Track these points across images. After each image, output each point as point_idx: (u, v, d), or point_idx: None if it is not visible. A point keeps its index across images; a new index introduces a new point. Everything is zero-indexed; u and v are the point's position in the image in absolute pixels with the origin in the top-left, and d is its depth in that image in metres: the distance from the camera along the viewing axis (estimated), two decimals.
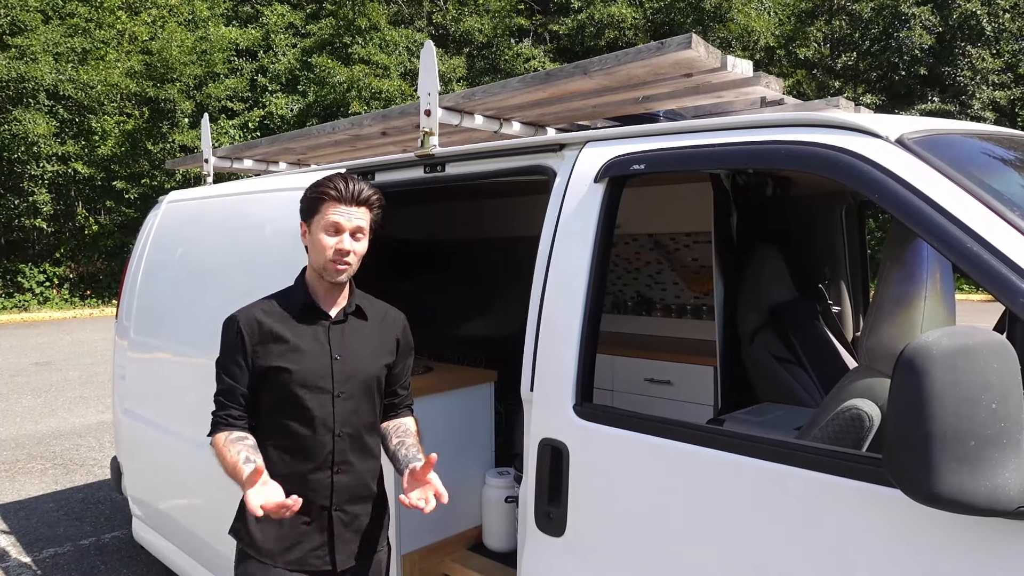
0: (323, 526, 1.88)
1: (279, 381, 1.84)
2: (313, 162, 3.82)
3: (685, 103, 2.46)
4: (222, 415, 1.85)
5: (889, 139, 1.40)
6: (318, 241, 1.84)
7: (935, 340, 1.05)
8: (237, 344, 1.85)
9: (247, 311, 1.90)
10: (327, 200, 1.84)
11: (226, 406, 1.86)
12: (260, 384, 1.86)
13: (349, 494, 1.91)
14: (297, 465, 1.86)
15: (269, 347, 1.85)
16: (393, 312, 2.06)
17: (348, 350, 1.91)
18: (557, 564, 1.75)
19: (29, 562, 4.17)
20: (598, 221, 1.79)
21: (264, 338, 1.85)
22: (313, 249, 1.87)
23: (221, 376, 1.87)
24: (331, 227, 1.83)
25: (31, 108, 15.96)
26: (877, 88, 20.54)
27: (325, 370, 1.87)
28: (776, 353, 2.79)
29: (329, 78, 18.77)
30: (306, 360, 1.85)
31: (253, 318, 1.87)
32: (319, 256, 1.85)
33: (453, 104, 2.48)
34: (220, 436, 1.83)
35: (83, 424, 7.15)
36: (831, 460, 1.31)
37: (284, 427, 1.86)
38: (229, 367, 1.87)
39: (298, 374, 1.84)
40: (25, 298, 16.89)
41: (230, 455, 1.77)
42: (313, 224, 1.86)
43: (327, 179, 1.85)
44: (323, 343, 1.88)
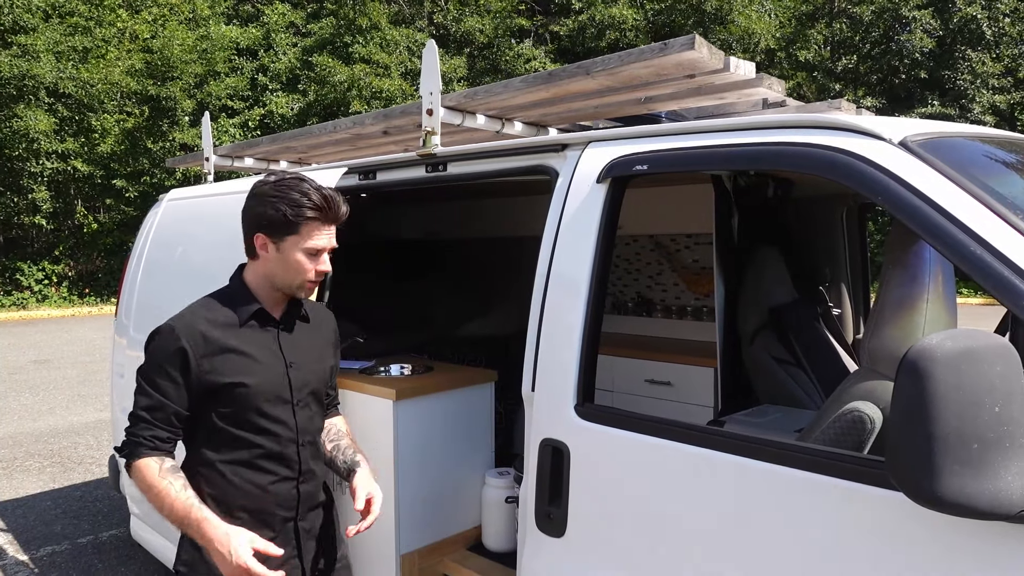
0: (289, 539, 1.82)
1: (236, 396, 1.71)
2: (314, 161, 3.82)
3: (687, 104, 2.46)
4: (147, 436, 1.65)
5: (892, 141, 1.40)
6: (293, 262, 1.71)
7: (938, 343, 1.04)
8: (176, 359, 1.66)
9: (186, 322, 1.70)
10: (307, 221, 1.69)
11: (152, 426, 1.66)
12: (210, 401, 1.70)
13: (310, 502, 1.87)
14: (258, 479, 1.76)
15: (219, 361, 1.69)
16: (323, 310, 1.99)
17: (299, 356, 1.82)
18: (557, 564, 1.75)
19: (26, 560, 4.16)
20: (600, 221, 1.79)
21: (212, 351, 1.69)
22: (283, 267, 1.73)
23: (147, 391, 1.66)
24: (312, 250, 1.72)
25: (32, 105, 15.95)
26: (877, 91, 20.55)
27: (282, 380, 1.78)
28: (776, 355, 2.79)
29: (330, 77, 18.77)
30: (263, 372, 1.74)
31: (196, 331, 1.69)
32: (292, 276, 1.73)
33: (455, 103, 2.48)
34: (149, 463, 1.64)
35: (81, 422, 7.14)
36: (833, 462, 1.31)
37: (245, 441, 1.73)
38: (159, 383, 1.66)
39: (257, 387, 1.72)
40: (24, 296, 16.87)
41: (176, 495, 1.61)
42: (287, 244, 1.70)
43: (303, 193, 1.68)
44: (276, 352, 1.78)
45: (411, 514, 2.57)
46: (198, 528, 1.60)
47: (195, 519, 1.60)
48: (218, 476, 1.74)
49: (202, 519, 1.60)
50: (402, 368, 2.86)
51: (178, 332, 1.68)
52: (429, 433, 2.61)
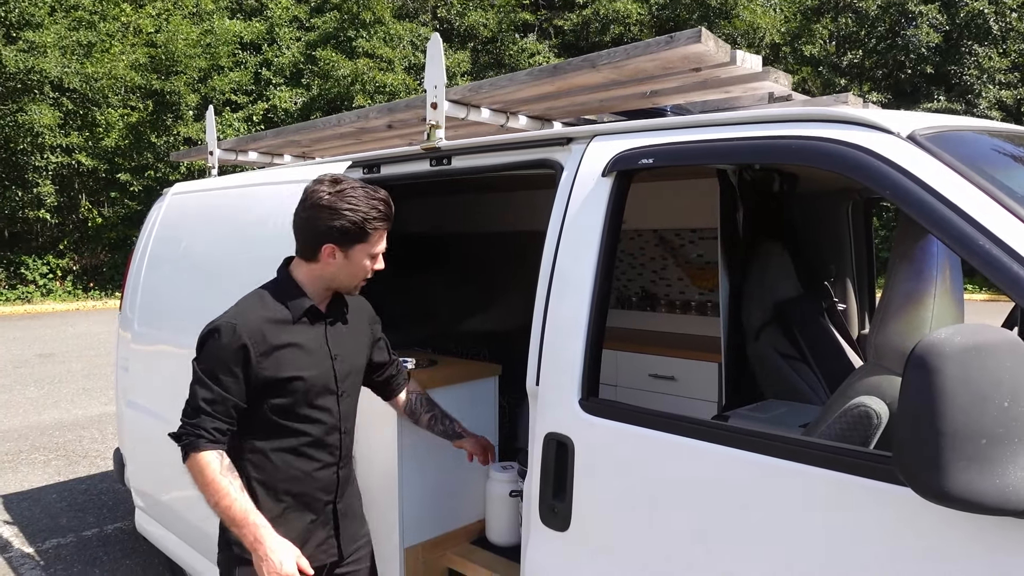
0: (327, 520, 1.95)
1: (291, 389, 1.81)
2: (318, 155, 3.81)
3: (693, 98, 2.44)
4: (209, 429, 1.73)
5: (901, 135, 1.39)
6: (358, 266, 1.84)
7: (947, 337, 1.04)
8: (240, 355, 1.74)
9: (246, 319, 1.78)
10: (379, 230, 1.83)
11: (214, 419, 1.73)
12: (265, 394, 1.79)
13: (347, 485, 2.01)
14: (304, 465, 1.88)
15: (276, 356, 1.78)
16: (358, 299, 2.06)
17: (343, 348, 1.93)
18: (561, 558, 1.74)
19: (32, 553, 4.18)
20: (605, 215, 1.78)
21: (270, 348, 1.78)
22: (348, 271, 1.84)
23: (209, 385, 1.74)
24: (376, 254, 1.85)
25: (36, 99, 15.96)
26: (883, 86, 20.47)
27: (330, 372, 1.89)
28: (781, 350, 2.78)
29: (333, 71, 18.76)
30: (314, 365, 1.86)
31: (257, 329, 1.77)
32: (353, 278, 1.86)
33: (459, 97, 2.47)
34: (210, 458, 1.72)
35: (86, 416, 7.17)
36: (839, 457, 1.31)
37: (293, 430, 1.85)
38: (220, 378, 1.74)
39: (310, 380, 1.83)
40: (28, 290, 16.92)
41: (235, 497, 1.71)
42: (355, 251, 1.81)
43: (369, 204, 1.78)
44: (323, 345, 1.88)
45: (415, 508, 2.57)
46: (253, 532, 1.70)
47: (252, 523, 1.71)
48: (266, 462, 1.84)
49: (259, 525, 1.71)
50: (405, 362, 2.86)
51: (239, 330, 1.75)
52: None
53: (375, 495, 2.56)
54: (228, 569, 1.89)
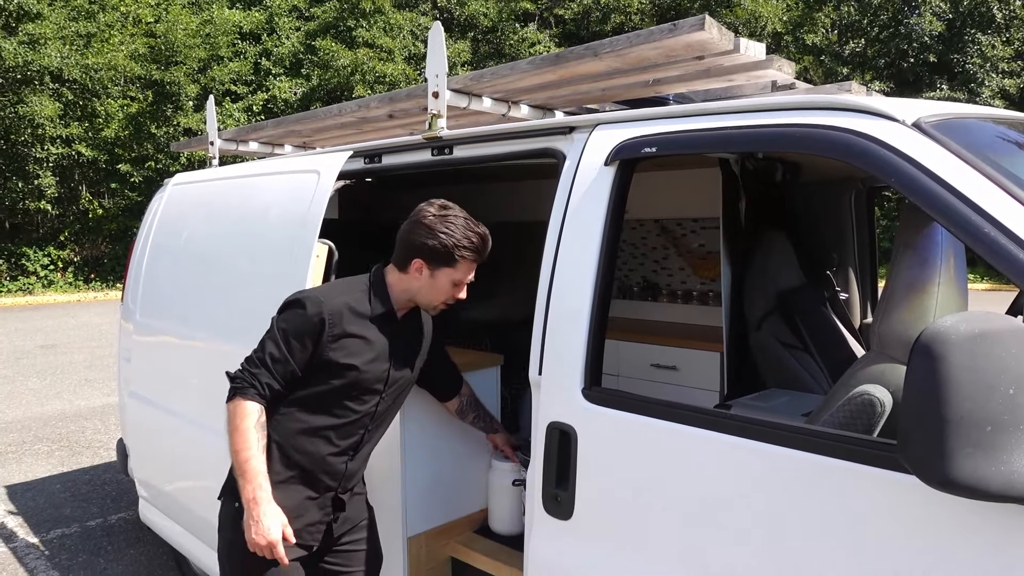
0: (325, 505, 2.00)
1: (341, 375, 1.89)
2: (319, 145, 3.80)
3: (696, 86, 2.43)
4: (263, 383, 1.84)
5: (906, 123, 1.38)
6: (440, 287, 1.94)
7: (953, 325, 1.03)
8: (316, 328, 1.85)
9: (335, 301, 1.90)
10: (468, 260, 1.92)
11: (272, 376, 1.85)
12: (319, 370, 1.89)
13: (353, 478, 2.06)
14: (321, 447, 1.95)
15: (345, 342, 1.89)
16: (430, 321, 2.17)
17: (401, 358, 2.02)
18: (564, 547, 1.75)
19: (37, 543, 4.20)
20: (608, 205, 1.77)
21: (342, 333, 1.88)
22: (430, 290, 1.94)
23: (279, 346, 1.85)
24: (459, 283, 1.94)
25: (36, 91, 15.91)
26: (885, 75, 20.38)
27: (383, 374, 1.97)
28: (783, 339, 2.78)
29: (333, 61, 18.68)
30: (371, 363, 1.93)
31: (340, 312, 1.88)
32: (433, 298, 1.96)
33: (461, 86, 2.46)
34: (251, 409, 1.82)
35: (88, 407, 7.19)
36: (843, 445, 1.31)
37: (327, 413, 1.93)
38: (293, 343, 1.85)
39: (363, 374, 1.92)
40: (29, 281, 16.92)
41: (255, 453, 1.79)
42: (441, 273, 1.92)
43: (466, 235, 1.90)
44: (386, 349, 1.97)
45: (418, 497, 2.57)
46: (255, 492, 1.77)
47: (258, 484, 1.78)
48: (290, 430, 1.92)
49: (262, 487, 1.78)
50: None
51: (324, 307, 1.87)
52: (435, 416, 2.61)
53: (379, 484, 2.56)
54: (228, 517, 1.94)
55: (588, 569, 1.70)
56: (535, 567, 1.83)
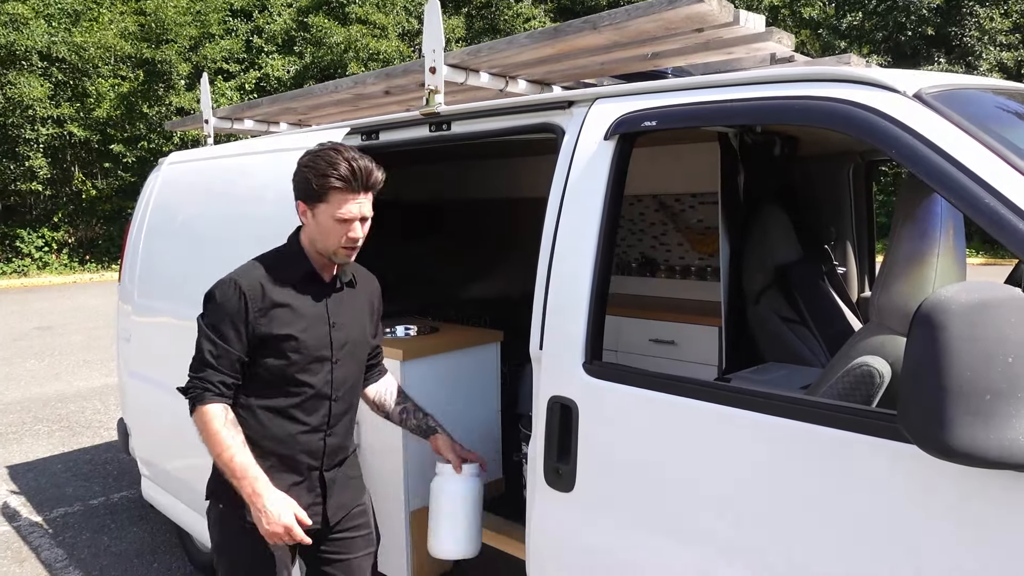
0: (313, 486, 1.95)
1: (282, 348, 1.83)
2: (315, 122, 3.78)
3: (695, 59, 2.42)
4: (215, 382, 1.79)
5: (907, 94, 1.38)
6: (328, 228, 1.81)
7: (954, 295, 1.04)
8: (239, 309, 1.79)
9: (248, 276, 1.84)
10: (335, 191, 1.78)
11: (219, 372, 1.79)
12: (260, 351, 1.83)
13: (336, 454, 1.99)
14: (289, 427, 1.89)
15: (273, 314, 1.82)
16: (369, 276, 2.09)
17: (343, 317, 1.94)
18: (566, 518, 1.77)
19: (40, 521, 4.23)
20: (608, 179, 1.77)
21: (268, 305, 1.82)
22: (319, 232, 1.83)
23: (213, 340, 1.80)
24: (341, 219, 1.81)
25: (24, 71, 15.72)
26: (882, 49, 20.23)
27: (325, 338, 1.89)
28: (781, 313, 2.79)
29: (326, 39, 18.48)
30: (309, 328, 1.87)
31: (257, 283, 1.82)
32: (327, 241, 1.83)
33: (458, 61, 2.44)
34: (215, 411, 1.77)
35: (87, 387, 7.20)
36: (842, 415, 1.32)
37: (282, 392, 1.86)
38: (224, 331, 1.79)
39: (303, 342, 1.84)
40: (24, 263, 16.85)
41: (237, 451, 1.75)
42: (318, 211, 1.81)
43: (331, 163, 1.76)
44: (322, 312, 1.90)
45: (420, 472, 2.60)
46: (252, 485, 1.74)
47: (252, 477, 1.74)
48: (254, 419, 1.86)
49: (258, 479, 1.75)
50: (407, 329, 2.87)
51: (240, 285, 1.81)
52: (435, 393, 2.63)
53: (381, 459, 2.59)
54: (216, 519, 1.93)
55: (590, 541, 1.72)
56: (537, 539, 1.86)
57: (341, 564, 2.04)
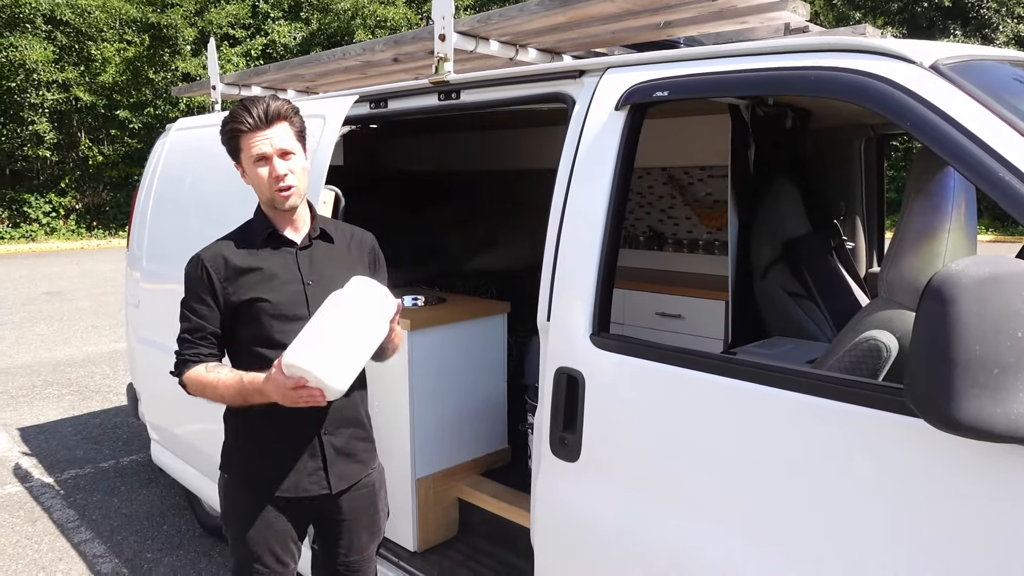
0: (315, 452, 1.90)
1: (256, 312, 1.82)
2: (322, 89, 3.75)
3: (708, 28, 2.38)
4: (191, 354, 1.83)
5: (923, 65, 1.36)
6: (255, 176, 1.82)
7: (964, 268, 1.04)
8: (204, 282, 1.82)
9: (209, 249, 1.87)
10: (241, 135, 1.80)
11: (195, 345, 1.83)
12: (235, 320, 1.84)
13: (338, 419, 1.93)
14: None
15: (241, 281, 1.83)
16: (360, 232, 2.05)
17: (319, 274, 1.89)
18: (572, 487, 1.79)
19: (52, 483, 4.30)
20: (618, 150, 1.76)
21: (233, 273, 1.83)
22: (255, 185, 1.85)
23: (187, 316, 1.84)
24: (258, 159, 1.80)
25: (27, 34, 15.58)
26: (897, 20, 19.87)
27: (300, 297, 1.86)
28: (789, 288, 2.79)
29: (333, 5, 18.25)
30: (281, 289, 1.84)
31: (218, 254, 1.84)
32: (263, 191, 1.84)
33: (468, 29, 2.41)
34: (197, 370, 1.81)
35: (97, 352, 7.27)
36: (849, 389, 1.33)
37: (265, 357, 1.78)
38: (195, 307, 1.83)
39: (276, 304, 1.83)
40: (32, 228, 16.90)
41: (226, 378, 1.77)
42: (243, 162, 1.84)
43: (232, 114, 1.80)
44: (293, 270, 1.88)
45: (426, 440, 2.63)
46: (252, 388, 1.73)
47: (248, 383, 1.74)
48: None
49: (250, 379, 1.74)
50: (415, 300, 2.88)
51: (202, 258, 1.84)
52: (442, 362, 2.65)
53: (388, 429, 2.61)
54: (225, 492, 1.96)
55: (594, 510, 1.75)
56: (542, 508, 1.88)
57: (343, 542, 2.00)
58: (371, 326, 1.71)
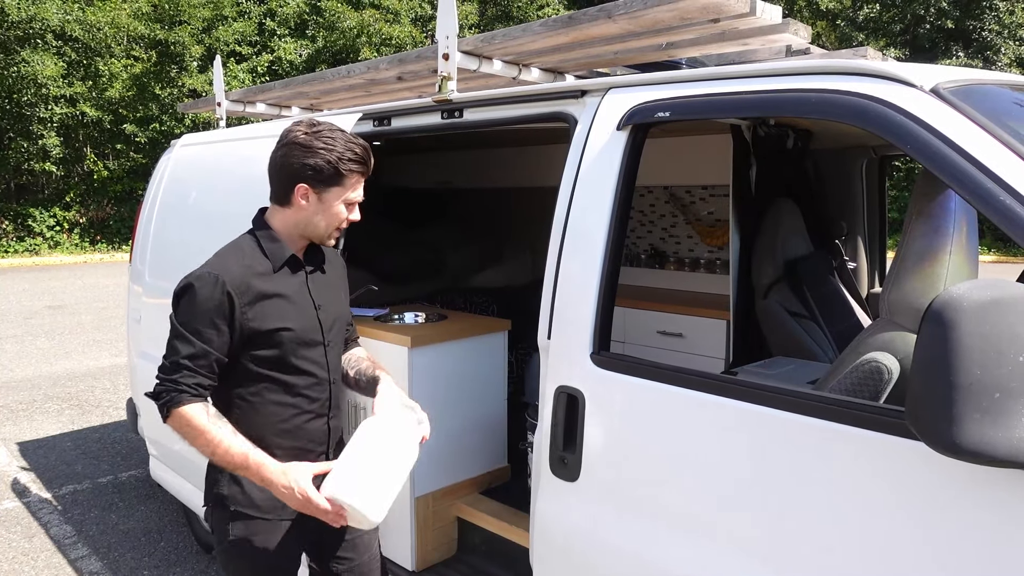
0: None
1: (277, 340, 1.76)
2: (326, 107, 3.77)
3: (710, 50, 2.40)
4: (190, 384, 1.66)
5: (924, 88, 1.37)
6: (331, 212, 1.77)
7: (965, 292, 1.04)
8: (222, 306, 1.68)
9: (231, 270, 1.72)
10: (356, 175, 1.77)
11: (195, 374, 1.67)
12: (250, 346, 1.74)
13: (338, 436, 1.96)
14: (295, 418, 1.84)
15: (262, 307, 1.73)
16: (331, 251, 2.02)
17: (324, 297, 1.89)
18: (571, 508, 1.78)
19: (49, 498, 4.28)
20: (620, 170, 1.76)
21: (254, 299, 1.72)
22: (321, 215, 1.77)
23: (189, 339, 1.67)
24: (350, 202, 1.79)
25: (39, 49, 15.75)
26: (900, 42, 20.00)
27: (315, 322, 1.84)
28: (790, 308, 2.78)
29: (338, 23, 18.42)
30: (299, 315, 1.80)
31: (240, 277, 1.71)
32: (327, 225, 1.79)
33: (472, 48, 2.43)
34: (195, 410, 1.65)
35: (97, 367, 7.26)
36: (850, 411, 1.32)
37: (282, 383, 1.79)
38: (202, 331, 1.67)
39: (297, 331, 1.78)
40: (36, 242, 16.96)
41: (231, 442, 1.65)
42: (330, 194, 1.75)
43: (347, 146, 1.73)
44: (306, 295, 1.84)
45: (425, 458, 2.61)
46: (258, 472, 1.65)
47: (254, 463, 1.65)
48: (255, 415, 1.79)
49: (260, 463, 1.65)
50: (416, 316, 2.88)
51: (223, 280, 1.69)
52: (443, 380, 2.64)
53: None
54: (222, 525, 1.84)
55: (593, 530, 1.73)
56: (542, 528, 1.87)
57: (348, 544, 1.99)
58: (406, 455, 1.73)
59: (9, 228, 16.99)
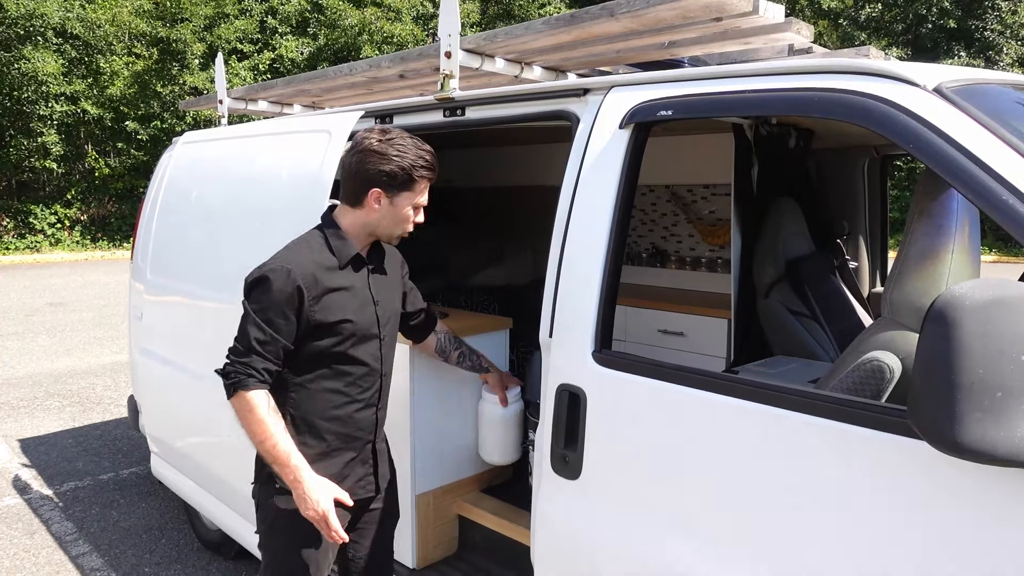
0: (367, 458, 2.03)
1: (337, 331, 1.87)
2: (328, 105, 3.77)
3: (712, 49, 2.40)
4: (259, 369, 1.79)
5: (927, 88, 1.37)
6: (401, 214, 1.89)
7: (967, 291, 1.04)
8: (292, 298, 1.79)
9: (302, 264, 1.83)
10: (426, 180, 1.89)
11: (264, 359, 1.80)
12: (314, 336, 1.86)
13: (383, 425, 2.09)
14: (347, 407, 1.95)
15: (328, 300, 1.85)
16: (392, 249, 2.13)
17: (382, 294, 2.00)
18: (572, 506, 1.78)
19: (50, 495, 4.29)
20: (622, 168, 1.76)
21: (321, 292, 1.84)
22: (391, 218, 1.90)
23: (261, 326, 1.79)
24: (419, 205, 1.91)
25: (39, 47, 15.76)
26: (902, 41, 19.99)
27: (373, 317, 1.96)
28: (791, 307, 2.78)
29: (340, 21, 18.42)
30: (360, 310, 1.92)
31: (310, 272, 1.83)
32: (396, 227, 1.92)
33: (474, 46, 2.43)
34: (259, 397, 1.79)
35: (98, 364, 7.27)
36: (851, 410, 1.32)
37: (339, 373, 1.91)
38: (273, 319, 1.79)
39: (357, 325, 1.90)
40: (37, 239, 16.97)
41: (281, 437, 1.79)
42: (401, 198, 1.88)
43: (419, 153, 1.86)
44: (366, 291, 1.95)
45: (426, 456, 2.62)
46: (294, 473, 1.79)
47: (294, 465, 1.79)
48: (311, 402, 1.92)
49: (299, 467, 1.80)
50: None
51: (294, 274, 1.81)
52: (444, 378, 2.64)
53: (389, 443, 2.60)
54: (270, 500, 1.95)
55: (595, 528, 1.73)
56: (542, 526, 1.87)
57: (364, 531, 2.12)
58: None
59: (10, 225, 17.00)
